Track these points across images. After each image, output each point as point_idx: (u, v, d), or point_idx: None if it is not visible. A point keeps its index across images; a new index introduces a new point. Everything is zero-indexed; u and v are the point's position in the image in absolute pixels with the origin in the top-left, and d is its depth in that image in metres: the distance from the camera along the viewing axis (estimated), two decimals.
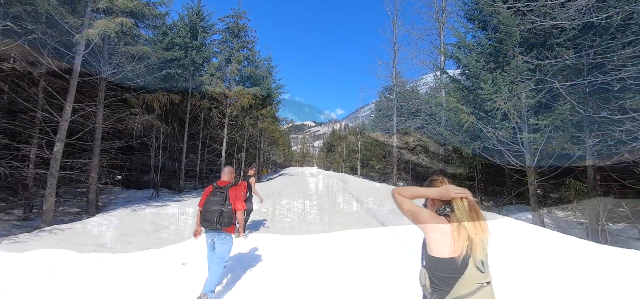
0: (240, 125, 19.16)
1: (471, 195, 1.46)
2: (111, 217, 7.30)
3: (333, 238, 5.47)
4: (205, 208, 3.16)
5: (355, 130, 53.39)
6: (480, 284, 1.30)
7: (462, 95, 10.63)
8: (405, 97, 28.58)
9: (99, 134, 9.91)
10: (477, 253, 1.31)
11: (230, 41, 18.12)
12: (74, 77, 8.13)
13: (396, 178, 26.35)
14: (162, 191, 16.83)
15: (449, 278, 1.32)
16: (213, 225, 3.06)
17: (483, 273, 1.31)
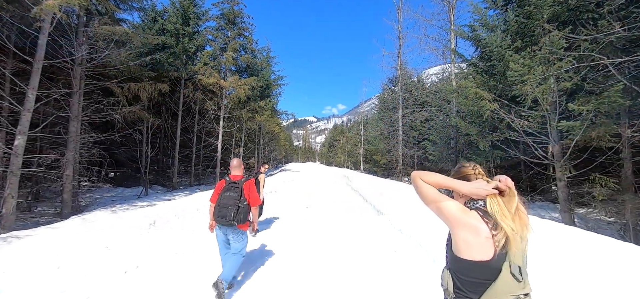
0: (237, 118, 18.03)
1: (512, 184, 1.21)
2: (84, 220, 6.25)
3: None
4: (220, 204, 3.02)
5: (358, 125, 52.23)
6: (516, 296, 1.06)
7: (482, 81, 9.44)
8: (411, 89, 27.33)
9: (76, 126, 8.82)
10: (514, 257, 1.07)
11: (225, 28, 16.92)
12: (37, 60, 7.00)
13: (401, 173, 25.22)
14: (154, 188, 15.80)
15: (478, 284, 1.10)
16: (229, 222, 2.95)
17: (520, 283, 1.06)
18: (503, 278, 1.07)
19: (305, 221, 6.06)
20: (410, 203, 7.34)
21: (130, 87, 11.42)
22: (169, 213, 5.36)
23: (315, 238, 4.86)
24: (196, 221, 5.46)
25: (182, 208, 5.84)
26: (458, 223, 1.15)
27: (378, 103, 36.25)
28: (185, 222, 5.30)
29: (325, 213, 6.93)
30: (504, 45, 8.25)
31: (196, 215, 5.96)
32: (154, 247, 3.92)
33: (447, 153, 17.97)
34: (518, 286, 1.07)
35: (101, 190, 13.45)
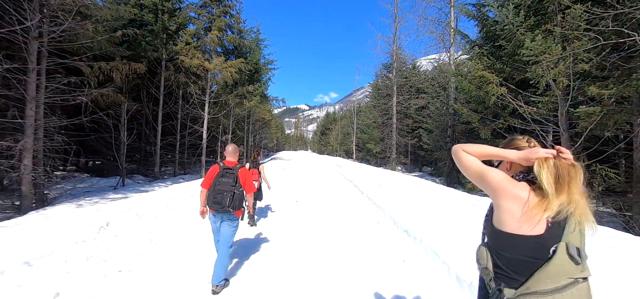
0: (224, 103, 16.93)
1: (570, 154, 1.05)
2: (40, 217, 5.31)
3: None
4: (214, 189, 2.92)
5: (350, 113, 51.38)
6: (574, 279, 0.93)
7: (488, 63, 8.68)
8: (406, 75, 26.53)
9: (33, 110, 7.72)
10: (573, 237, 0.95)
11: (210, 5, 15.63)
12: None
13: (395, 162, 24.65)
14: (134, 178, 14.75)
15: (526, 262, 0.96)
16: (225, 208, 2.88)
17: (579, 265, 0.94)
18: (558, 259, 0.95)
19: (296, 219, 5.27)
20: (413, 198, 6.63)
21: (101, 67, 10.24)
22: (131, 210, 4.44)
23: (308, 242, 4.09)
24: (163, 222, 4.45)
25: (148, 205, 4.94)
26: (504, 192, 1.04)
27: (372, 90, 35.40)
28: (148, 223, 4.28)
29: (319, 209, 6.14)
30: (516, 22, 7.47)
31: (166, 213, 5.06)
32: (94, 263, 2.99)
33: (443, 141, 17.38)
34: (576, 269, 0.95)
35: (74, 180, 12.37)
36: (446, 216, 4.70)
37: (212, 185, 2.94)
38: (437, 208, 5.38)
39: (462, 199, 6.33)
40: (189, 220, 4.54)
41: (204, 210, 3.04)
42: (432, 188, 8.37)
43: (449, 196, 6.76)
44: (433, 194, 7.14)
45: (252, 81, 19.15)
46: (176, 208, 5.13)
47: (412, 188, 8.16)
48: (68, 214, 4.99)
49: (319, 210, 5.94)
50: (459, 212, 5.02)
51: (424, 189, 8.06)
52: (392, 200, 6.16)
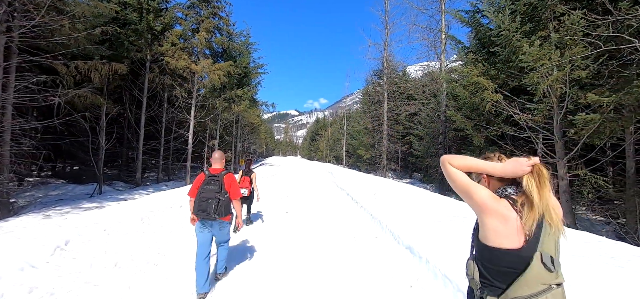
0: (212, 107, 16.34)
1: (544, 166, 1.13)
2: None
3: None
4: (200, 197, 2.90)
5: (340, 119, 51.28)
6: (547, 285, 1.02)
7: (482, 69, 8.54)
8: (397, 81, 26.55)
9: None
10: (547, 247, 1.04)
11: (198, 6, 15.13)
12: None
13: (386, 168, 24.48)
14: (114, 185, 13.94)
15: (506, 273, 1.06)
16: (210, 216, 2.84)
17: (552, 273, 1.02)
18: (534, 268, 1.03)
19: (286, 234, 4.83)
20: (413, 209, 6.28)
21: (78, 66, 9.61)
22: (99, 225, 3.85)
23: (300, 262, 3.66)
24: (134, 241, 3.69)
25: (119, 218, 4.31)
26: (488, 210, 1.10)
27: (362, 97, 35.38)
28: (115, 242, 3.53)
29: (311, 221, 5.71)
30: (512, 28, 7.34)
31: (139, 228, 4.25)
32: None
33: (435, 148, 17.28)
34: (550, 276, 1.03)
35: (48, 187, 11.52)
36: (454, 231, 4.36)
37: (198, 193, 2.94)
38: (444, 221, 5.04)
39: (468, 211, 6.02)
40: (165, 238, 4.01)
41: (194, 218, 3.01)
42: (433, 198, 8.04)
43: (453, 208, 6.42)
44: (435, 205, 6.80)
45: (241, 85, 18.65)
46: (152, 222, 4.54)
47: (410, 198, 7.82)
48: (31, 226, 4.40)
49: (311, 222, 5.51)
50: (468, 227, 4.71)
51: (423, 199, 7.73)
52: (390, 211, 5.79)
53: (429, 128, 18.55)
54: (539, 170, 1.09)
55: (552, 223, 1.05)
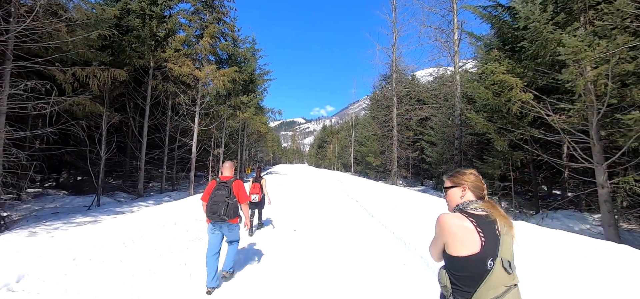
0: (217, 115, 15.85)
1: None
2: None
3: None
4: (211, 201, 3.24)
5: (348, 126, 50.56)
6: (507, 287, 1.19)
7: (508, 66, 7.76)
8: (406, 86, 25.79)
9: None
10: (505, 253, 1.20)
11: (202, 12, 14.76)
12: None
13: (396, 175, 23.55)
14: (115, 196, 13.46)
15: (471, 277, 1.20)
16: (220, 217, 3.17)
17: (510, 275, 1.20)
18: (496, 272, 1.17)
19: (294, 260, 4.09)
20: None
21: (75, 72, 9.18)
22: (71, 252, 3.12)
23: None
24: (106, 277, 2.91)
25: (101, 244, 3.55)
26: (449, 235, 1.24)
27: (370, 102, 34.68)
28: (82, 279, 2.78)
29: (323, 242, 4.94)
30: (543, 19, 6.58)
31: (120, 255, 3.41)
32: None
33: (450, 154, 16.37)
34: (509, 278, 1.18)
35: (45, 199, 11.07)
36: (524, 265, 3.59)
37: (210, 197, 3.27)
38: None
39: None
40: (151, 265, 3.31)
41: (208, 219, 3.31)
42: None
43: None
44: None
45: (246, 91, 18.17)
46: (135, 250, 3.65)
47: (435, 212, 6.95)
48: (9, 247, 3.79)
49: (324, 243, 4.75)
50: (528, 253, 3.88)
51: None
52: (418, 228, 5.00)
53: (443, 133, 17.67)
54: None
55: (507, 230, 1.23)
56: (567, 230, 8.64)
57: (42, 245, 3.30)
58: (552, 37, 6.68)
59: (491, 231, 1.21)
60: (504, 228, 1.22)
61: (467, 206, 1.28)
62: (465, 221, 1.22)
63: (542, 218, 9.95)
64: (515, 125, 9.09)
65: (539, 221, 9.48)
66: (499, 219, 1.23)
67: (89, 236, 3.89)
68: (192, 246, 4.32)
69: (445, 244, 1.25)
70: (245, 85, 18.32)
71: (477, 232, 1.19)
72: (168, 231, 4.79)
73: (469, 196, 1.32)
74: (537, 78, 7.87)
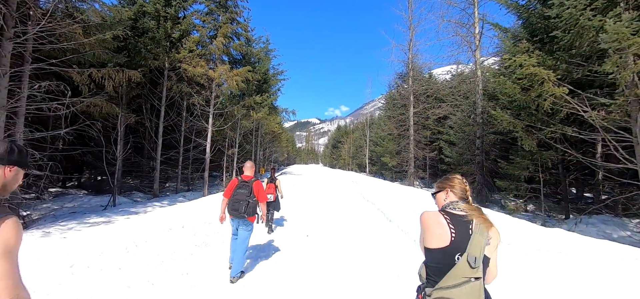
0: (231, 115, 15.81)
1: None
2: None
3: None
4: (233, 198, 3.44)
5: (363, 126, 49.86)
6: (467, 278, 1.28)
7: (539, 59, 7.13)
8: (423, 84, 24.99)
9: (1, 119, 6.66)
10: (473, 250, 1.29)
11: (216, 12, 14.75)
12: None
13: (413, 176, 22.83)
14: (133, 195, 13.66)
15: (440, 268, 1.33)
16: (240, 214, 3.38)
17: (474, 269, 1.28)
18: (460, 265, 1.28)
19: (306, 272, 3.77)
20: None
21: (91, 74, 9.28)
22: (66, 259, 2.99)
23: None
24: (108, 283, 2.74)
25: (102, 249, 3.32)
26: (425, 229, 1.38)
27: (386, 102, 33.94)
28: (78, 290, 2.56)
29: (338, 250, 4.57)
30: (580, 4, 5.95)
31: (122, 263, 3.19)
32: None
33: (471, 154, 15.59)
34: (471, 271, 1.28)
35: (64, 199, 11.32)
36: (556, 273, 3.14)
37: (231, 194, 3.46)
38: (535, 254, 3.76)
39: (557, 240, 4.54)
40: (152, 273, 3.06)
41: (223, 217, 3.57)
42: (504, 220, 6.53)
43: (533, 233, 4.99)
44: (510, 229, 5.37)
45: (260, 91, 18.07)
46: (137, 256, 3.51)
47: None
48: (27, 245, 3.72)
49: (339, 251, 4.39)
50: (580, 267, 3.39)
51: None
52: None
53: (463, 132, 16.88)
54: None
55: (483, 230, 1.32)
56: (604, 237, 7.88)
57: (45, 249, 3.15)
58: (590, 24, 6.05)
59: (464, 229, 1.32)
60: (480, 228, 1.32)
61: (448, 206, 1.43)
62: (440, 218, 1.36)
63: (575, 223, 9.18)
64: (545, 123, 8.41)
65: (572, 227, 8.73)
66: (477, 220, 1.34)
67: (93, 240, 3.74)
68: (197, 252, 4.09)
69: (423, 237, 1.40)
70: (259, 85, 18.23)
71: (449, 228, 1.32)
72: (174, 235, 4.59)
73: (452, 198, 1.45)
74: (572, 71, 7.20)
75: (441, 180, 1.55)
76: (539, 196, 9.98)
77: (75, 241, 3.72)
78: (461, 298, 1.25)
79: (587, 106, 6.70)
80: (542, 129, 8.43)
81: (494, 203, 13.05)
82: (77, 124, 9.46)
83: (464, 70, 24.36)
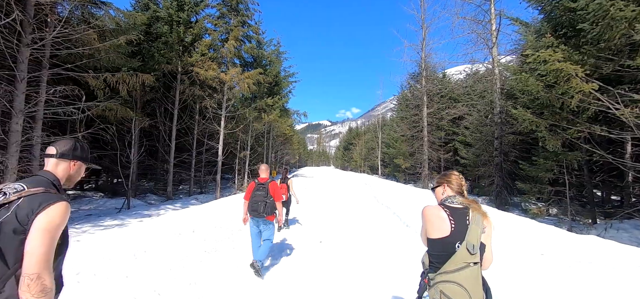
0: (242, 117, 15.84)
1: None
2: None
3: None
4: (252, 200, 3.74)
5: (374, 127, 49.30)
6: (467, 263, 1.42)
7: (564, 54, 6.71)
8: (436, 83, 24.43)
9: (18, 124, 6.80)
10: (471, 239, 1.43)
11: (227, 16, 14.83)
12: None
13: (427, 178, 22.27)
14: (147, 198, 13.84)
15: (442, 255, 1.47)
16: (260, 214, 3.69)
17: (472, 255, 1.42)
18: (461, 252, 1.43)
19: (321, 282, 3.58)
20: (510, 243, 4.60)
21: (106, 78, 9.41)
22: (72, 267, 2.93)
23: None
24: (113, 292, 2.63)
25: (106, 258, 3.22)
26: (427, 222, 1.55)
27: (398, 102, 33.38)
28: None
29: (353, 258, 4.36)
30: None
31: (130, 268, 3.11)
32: None
33: (488, 155, 15.03)
34: (470, 257, 1.43)
35: (81, 201, 11.56)
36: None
37: (251, 197, 3.74)
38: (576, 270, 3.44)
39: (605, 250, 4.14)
40: (159, 282, 2.92)
41: (246, 218, 3.88)
42: (530, 226, 6.12)
43: (566, 241, 4.58)
44: (539, 236, 5.01)
45: (271, 94, 18.06)
46: (145, 263, 3.39)
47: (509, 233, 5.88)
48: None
49: (354, 259, 4.18)
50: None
51: (518, 227, 5.86)
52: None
53: (479, 133, 16.31)
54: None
55: (478, 220, 1.48)
56: (639, 244, 7.32)
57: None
58: (621, 14, 5.62)
59: (462, 221, 1.47)
60: (476, 218, 1.47)
61: (446, 200, 1.57)
62: (440, 211, 1.51)
63: (605, 228, 8.61)
64: (570, 122, 7.93)
65: (601, 233, 8.19)
66: (473, 212, 1.49)
67: (103, 244, 3.68)
68: (206, 259, 3.97)
69: (425, 229, 1.55)
70: (270, 88, 18.22)
71: (449, 220, 1.47)
72: (184, 240, 4.49)
73: (449, 192, 1.59)
74: (600, 66, 6.75)
75: (440, 176, 1.70)
76: (562, 199, 9.44)
77: (86, 246, 3.66)
78: (462, 280, 1.40)
79: (620, 103, 6.24)
80: (567, 129, 7.96)
81: (514, 206, 12.49)
82: (92, 128, 9.64)
83: (479, 69, 23.67)
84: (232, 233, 5.52)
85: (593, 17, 6.19)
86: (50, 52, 8.19)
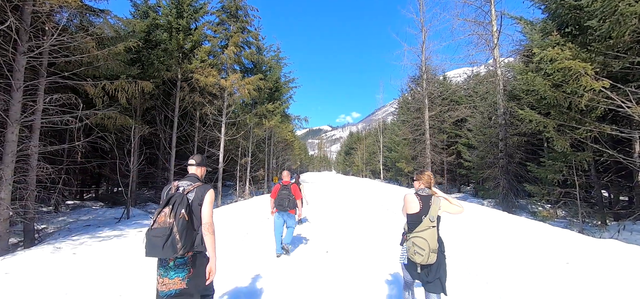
0: (243, 124, 15.69)
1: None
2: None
3: None
4: (278, 198, 4.85)
5: (376, 131, 49.17)
6: (428, 227, 2.28)
7: (573, 52, 6.54)
8: (437, 86, 24.30)
9: (14, 133, 6.64)
10: (433, 213, 2.30)
11: (227, 22, 14.77)
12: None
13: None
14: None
15: (415, 223, 2.35)
16: (285, 208, 4.80)
17: (432, 223, 2.28)
18: (425, 221, 2.29)
19: (331, 291, 3.36)
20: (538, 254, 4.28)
21: (105, 86, 9.28)
22: (60, 291, 2.71)
23: None
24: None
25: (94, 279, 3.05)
26: (406, 203, 2.48)
27: (398, 106, 33.26)
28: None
29: (364, 268, 4.19)
30: None
31: (124, 286, 2.96)
32: None
33: (493, 157, 14.81)
34: (431, 224, 2.29)
35: (80, 211, 11.36)
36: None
37: (277, 195, 4.86)
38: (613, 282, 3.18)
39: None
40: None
41: (273, 211, 4.94)
42: (543, 230, 5.82)
43: (587, 247, 4.27)
44: (559, 242, 4.72)
45: (272, 99, 17.94)
46: (140, 280, 3.22)
47: (507, 233, 5.61)
48: (16, 270, 3.49)
49: (362, 271, 4.00)
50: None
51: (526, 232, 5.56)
52: (481, 246, 3.98)
53: (483, 135, 16.11)
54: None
55: (436, 201, 2.36)
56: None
57: (48, 271, 2.89)
58: (631, 10, 5.47)
59: (426, 202, 2.37)
60: (435, 200, 2.36)
61: (419, 190, 2.46)
62: (414, 197, 2.43)
63: (618, 230, 8.36)
64: (579, 121, 7.74)
65: (614, 235, 7.94)
66: (434, 197, 2.40)
67: (97, 259, 3.47)
68: None
69: (405, 208, 2.46)
70: (271, 93, 18.12)
71: (419, 202, 2.38)
72: None
73: (421, 185, 2.47)
74: (609, 64, 6.58)
75: (417, 174, 2.56)
76: (571, 201, 9.19)
77: (79, 260, 3.46)
78: (425, 236, 2.24)
79: (632, 100, 6.05)
80: (576, 128, 7.76)
81: (521, 209, 12.23)
82: (91, 136, 9.50)
83: (480, 71, 23.55)
84: (232, 247, 5.34)
85: (601, 14, 6.05)
86: (47, 60, 8.05)
